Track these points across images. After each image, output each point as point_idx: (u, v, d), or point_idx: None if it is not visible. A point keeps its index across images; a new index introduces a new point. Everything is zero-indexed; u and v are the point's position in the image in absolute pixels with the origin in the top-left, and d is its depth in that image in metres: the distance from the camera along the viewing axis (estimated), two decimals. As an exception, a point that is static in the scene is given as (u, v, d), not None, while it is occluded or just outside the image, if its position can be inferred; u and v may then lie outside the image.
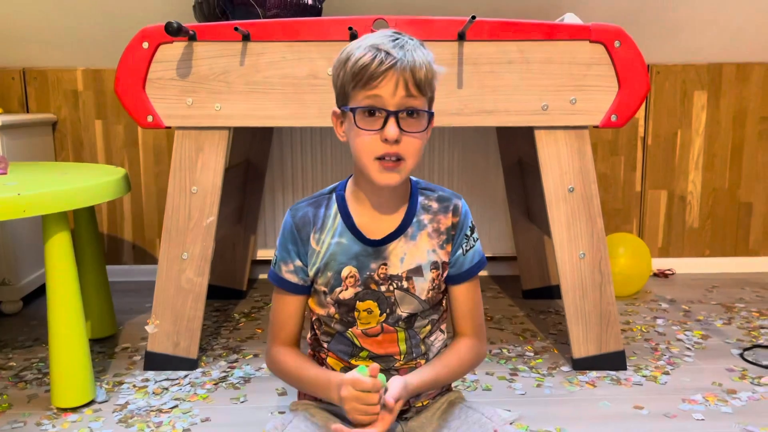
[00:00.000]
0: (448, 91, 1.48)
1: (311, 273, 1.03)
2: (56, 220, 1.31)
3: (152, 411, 1.37)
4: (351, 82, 0.92)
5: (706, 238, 2.45)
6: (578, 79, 1.49)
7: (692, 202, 2.43)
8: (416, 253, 1.02)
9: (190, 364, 1.57)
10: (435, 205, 1.04)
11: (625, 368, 1.57)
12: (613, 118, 1.50)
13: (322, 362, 1.09)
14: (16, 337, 1.80)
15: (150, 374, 1.55)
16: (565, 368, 1.59)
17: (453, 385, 1.21)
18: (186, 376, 1.54)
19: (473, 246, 1.06)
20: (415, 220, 1.02)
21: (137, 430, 1.29)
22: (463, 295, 1.06)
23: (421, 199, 1.05)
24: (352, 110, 0.93)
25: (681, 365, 1.60)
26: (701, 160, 2.40)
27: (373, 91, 0.91)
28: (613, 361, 1.57)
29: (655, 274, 2.40)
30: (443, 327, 1.10)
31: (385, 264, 1.01)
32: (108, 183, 1.44)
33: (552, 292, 2.11)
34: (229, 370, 1.58)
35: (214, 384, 1.50)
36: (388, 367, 1.04)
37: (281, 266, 1.04)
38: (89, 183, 1.39)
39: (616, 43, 1.47)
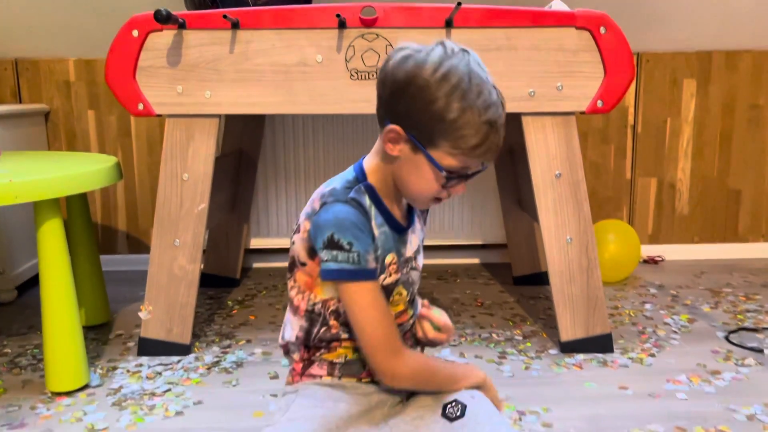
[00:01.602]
0: (436, 77, 1.49)
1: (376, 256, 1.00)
2: (48, 207, 1.33)
3: (145, 394, 1.39)
4: (450, 142, 0.89)
5: (696, 225, 2.47)
6: (564, 65, 1.50)
7: (682, 189, 2.45)
8: (419, 234, 1.07)
9: (183, 350, 1.59)
10: None
11: (612, 351, 1.60)
12: (599, 104, 1.52)
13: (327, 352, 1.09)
14: (11, 325, 1.82)
15: (143, 359, 1.57)
16: (553, 351, 1.61)
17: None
18: (179, 361, 1.56)
19: None
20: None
21: (131, 413, 1.31)
22: None
23: None
24: (437, 165, 0.91)
25: (667, 348, 1.63)
26: (690, 147, 2.42)
27: (469, 162, 0.92)
28: (601, 344, 1.59)
29: (644, 261, 2.42)
30: None
31: (406, 249, 1.04)
32: (100, 170, 1.45)
33: (542, 279, 2.13)
34: (222, 355, 1.60)
35: (207, 369, 1.52)
36: (404, 332, 1.07)
37: (367, 258, 0.93)
38: (81, 170, 1.40)
39: (602, 30, 1.48)
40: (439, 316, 1.07)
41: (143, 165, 2.32)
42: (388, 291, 1.03)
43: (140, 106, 1.50)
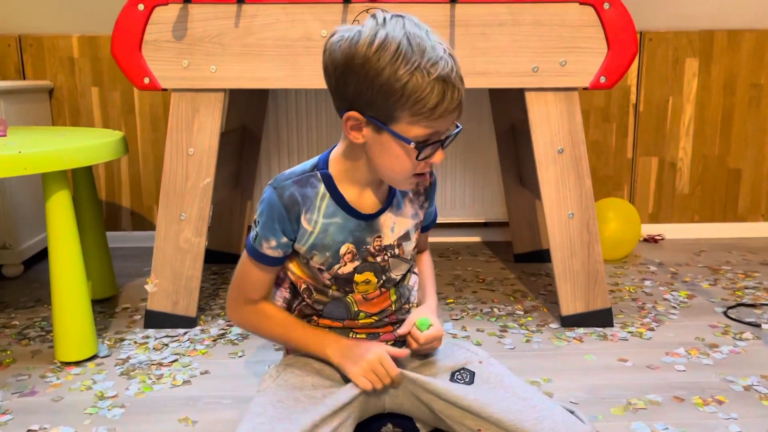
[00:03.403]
0: (440, 53, 1.50)
1: (302, 250, 1.02)
2: (56, 179, 1.34)
3: (153, 364, 1.42)
4: (408, 110, 0.87)
5: (696, 204, 2.49)
6: (568, 41, 1.51)
7: (682, 168, 2.46)
8: (404, 221, 1.05)
9: (189, 322, 1.61)
10: None
11: (612, 325, 1.62)
12: (602, 79, 1.53)
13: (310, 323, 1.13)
14: (18, 299, 1.84)
15: (150, 332, 1.59)
16: (554, 325, 1.63)
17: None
18: (185, 333, 1.59)
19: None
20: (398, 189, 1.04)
21: (139, 382, 1.34)
22: (425, 235, 1.18)
23: None
24: (404, 139, 0.89)
25: (666, 322, 1.65)
26: (692, 127, 2.43)
27: (435, 125, 0.89)
28: (601, 318, 1.62)
29: (644, 240, 2.44)
30: (415, 268, 1.16)
31: (380, 236, 1.03)
32: (107, 143, 1.47)
33: (543, 256, 2.15)
34: (227, 327, 1.63)
35: (213, 340, 1.55)
36: (382, 320, 1.09)
37: (262, 243, 1.01)
38: (89, 143, 1.42)
39: (606, 5, 1.49)
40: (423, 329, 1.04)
41: (147, 141, 2.33)
42: (346, 280, 1.04)
43: (146, 80, 1.50)
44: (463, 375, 1.00)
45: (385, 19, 0.88)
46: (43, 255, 2.18)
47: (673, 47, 2.36)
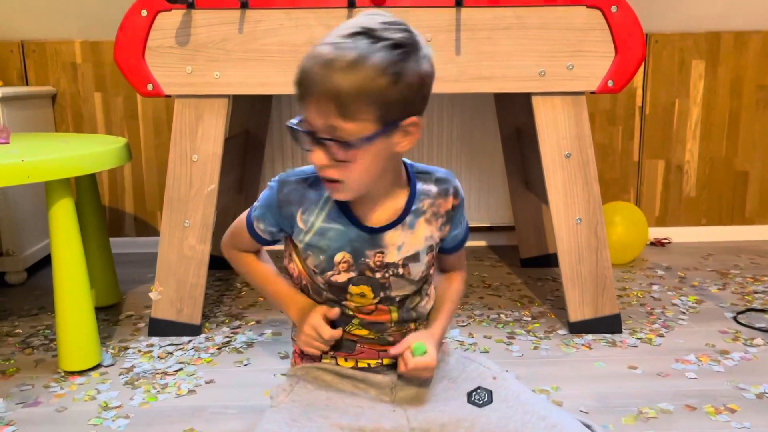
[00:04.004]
0: (446, 58, 1.48)
1: (300, 247, 1.02)
2: (60, 187, 1.33)
3: (158, 374, 1.40)
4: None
5: (703, 207, 2.47)
6: (575, 44, 1.49)
7: (689, 171, 2.44)
8: (414, 241, 1.00)
9: (193, 330, 1.60)
10: (434, 189, 1.01)
11: (620, 331, 1.60)
12: (610, 83, 1.51)
13: None
14: (22, 306, 1.83)
15: (154, 340, 1.58)
16: (562, 332, 1.62)
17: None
18: (190, 341, 1.57)
19: (464, 216, 1.07)
20: (414, 207, 1.00)
21: (143, 392, 1.33)
22: (458, 256, 1.11)
23: (419, 184, 1.01)
24: (289, 125, 0.90)
25: (675, 328, 1.63)
26: (698, 129, 2.41)
27: (303, 111, 0.87)
28: (609, 325, 1.60)
29: (652, 243, 2.42)
30: (431, 291, 1.10)
31: (382, 252, 0.99)
32: (111, 151, 1.46)
33: (549, 260, 2.13)
34: (232, 335, 1.61)
35: (218, 348, 1.54)
36: (381, 332, 1.05)
37: (254, 221, 1.05)
38: (92, 150, 1.40)
39: (613, 9, 1.47)
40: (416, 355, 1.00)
41: (150, 147, 2.32)
42: (341, 288, 1.01)
43: (149, 87, 1.49)
44: (481, 395, 0.98)
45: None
46: (46, 262, 2.17)
47: (679, 49, 2.35)
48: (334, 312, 1.01)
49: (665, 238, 2.44)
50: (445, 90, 1.50)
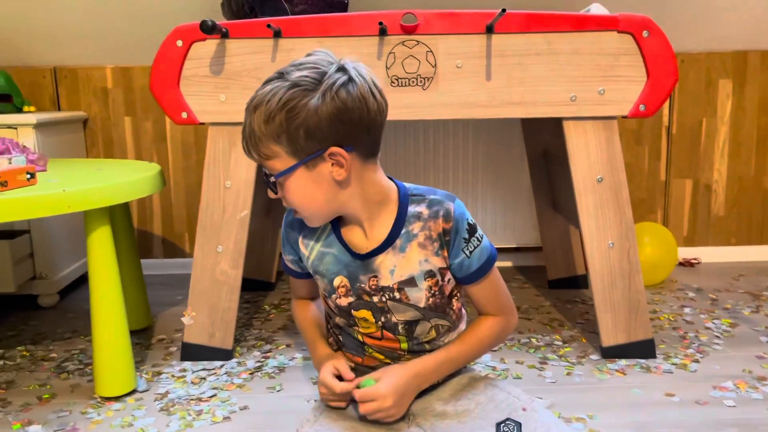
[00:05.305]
0: (476, 83, 1.49)
1: (310, 270, 1.10)
2: (98, 215, 1.35)
3: (192, 399, 1.41)
4: None
5: (732, 226, 2.44)
6: (606, 69, 1.49)
7: (718, 190, 2.42)
8: (407, 265, 1.01)
9: (225, 355, 1.60)
10: (425, 212, 1.01)
11: (654, 356, 1.58)
12: (642, 108, 1.51)
13: (339, 346, 1.15)
14: (55, 329, 1.85)
15: (187, 364, 1.59)
16: (594, 357, 1.60)
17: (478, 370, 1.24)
18: (222, 366, 1.58)
19: (478, 245, 1.04)
20: (403, 231, 1.01)
21: (179, 418, 1.33)
22: (480, 291, 1.08)
23: (410, 207, 1.02)
24: None
25: (710, 353, 1.61)
26: (726, 148, 2.39)
27: None
28: (643, 350, 1.58)
29: (680, 263, 2.40)
30: (458, 329, 1.11)
31: (375, 276, 1.02)
32: (146, 178, 1.48)
33: (578, 282, 2.12)
34: (263, 360, 1.62)
35: (250, 374, 1.54)
36: (395, 359, 1.08)
37: (284, 255, 1.15)
38: (129, 179, 1.42)
39: (645, 33, 1.47)
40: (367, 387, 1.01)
41: (179, 170, 2.35)
42: (347, 312, 1.07)
43: (184, 115, 1.51)
44: (510, 427, 0.98)
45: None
46: (76, 284, 2.20)
47: (706, 68, 2.34)
48: (344, 367, 1.05)
49: (694, 258, 2.42)
50: (476, 115, 1.51)
